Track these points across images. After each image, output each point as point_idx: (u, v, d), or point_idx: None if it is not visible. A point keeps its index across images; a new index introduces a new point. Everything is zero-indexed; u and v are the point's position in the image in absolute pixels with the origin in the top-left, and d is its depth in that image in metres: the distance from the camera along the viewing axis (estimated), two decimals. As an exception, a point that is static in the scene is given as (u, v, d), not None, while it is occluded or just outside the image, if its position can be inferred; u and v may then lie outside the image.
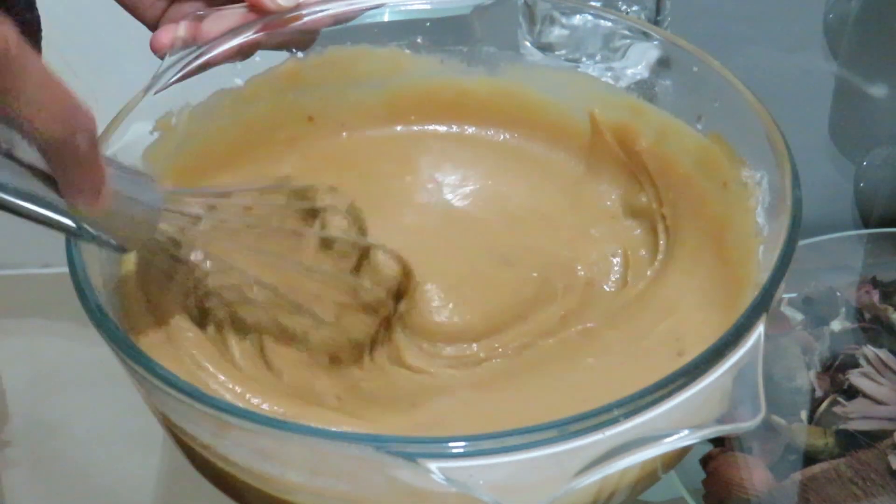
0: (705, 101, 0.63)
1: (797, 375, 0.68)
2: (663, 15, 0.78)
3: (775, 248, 0.53)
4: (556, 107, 0.69)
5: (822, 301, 0.73)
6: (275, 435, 0.46)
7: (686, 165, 0.64)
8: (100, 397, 0.72)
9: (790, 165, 0.56)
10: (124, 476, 0.70)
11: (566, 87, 0.69)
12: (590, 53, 0.68)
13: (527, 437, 0.44)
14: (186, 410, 0.48)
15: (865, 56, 0.89)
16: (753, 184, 0.59)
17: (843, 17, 0.90)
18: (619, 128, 0.66)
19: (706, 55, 0.63)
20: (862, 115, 0.89)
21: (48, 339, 0.79)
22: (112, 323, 0.50)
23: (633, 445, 0.45)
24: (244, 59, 0.65)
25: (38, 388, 0.76)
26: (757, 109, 0.59)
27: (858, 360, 0.68)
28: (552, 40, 0.71)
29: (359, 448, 0.45)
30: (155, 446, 0.70)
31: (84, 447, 0.71)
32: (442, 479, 0.44)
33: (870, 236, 0.77)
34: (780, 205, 0.55)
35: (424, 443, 0.46)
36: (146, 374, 0.48)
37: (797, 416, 0.67)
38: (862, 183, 0.83)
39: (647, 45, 0.65)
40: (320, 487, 0.48)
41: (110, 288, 0.55)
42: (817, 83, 0.91)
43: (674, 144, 0.65)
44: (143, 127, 0.62)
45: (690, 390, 0.46)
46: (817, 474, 0.64)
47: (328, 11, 0.67)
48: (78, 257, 0.53)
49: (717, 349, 0.48)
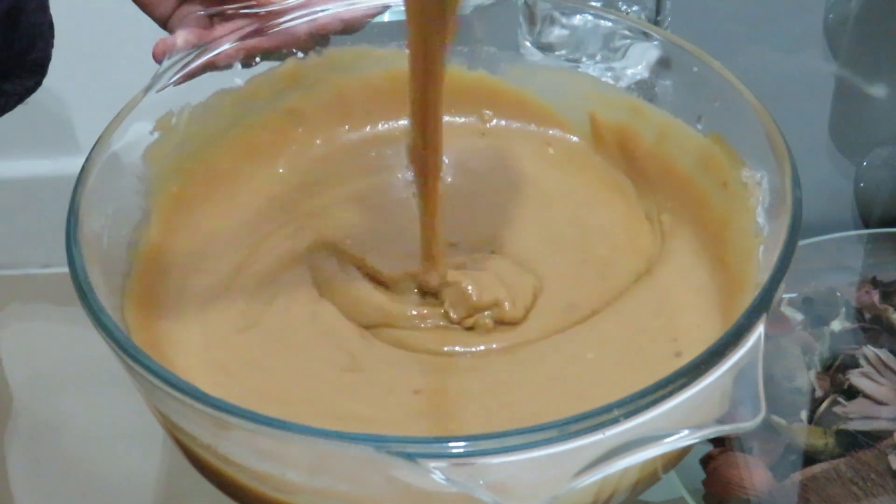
0: (705, 101, 0.63)
1: (797, 375, 0.68)
2: (663, 15, 0.78)
3: (775, 248, 0.53)
4: (557, 107, 0.69)
5: (822, 301, 0.73)
6: (275, 435, 0.46)
7: (686, 165, 0.64)
8: (100, 397, 0.72)
9: (790, 165, 0.56)
10: (124, 476, 0.70)
11: (566, 87, 0.69)
12: (590, 53, 0.68)
13: (527, 437, 0.44)
14: (186, 410, 0.48)
15: (865, 56, 0.88)
16: (753, 184, 0.59)
17: (843, 17, 0.90)
18: (620, 128, 0.66)
19: (706, 55, 0.63)
20: (862, 115, 0.89)
21: (48, 339, 0.79)
22: (112, 323, 0.50)
23: (634, 445, 0.45)
24: (246, 65, 0.66)
25: (38, 387, 0.76)
26: (757, 109, 0.59)
27: (858, 360, 0.68)
28: (552, 40, 0.71)
29: (359, 448, 0.45)
30: (155, 446, 0.70)
31: (84, 447, 0.71)
32: (442, 479, 0.44)
33: (870, 236, 0.77)
34: (780, 205, 0.55)
35: (424, 443, 0.46)
36: (146, 374, 0.48)
37: (797, 416, 0.67)
38: (862, 183, 0.83)
39: (647, 45, 0.65)
40: (320, 487, 0.48)
41: (111, 288, 0.55)
42: (817, 83, 0.91)
43: (674, 144, 0.65)
44: (144, 127, 0.62)
45: (691, 390, 0.46)
46: (817, 474, 0.64)
47: (328, 12, 0.67)
48: (78, 257, 0.53)
49: (718, 349, 0.48)
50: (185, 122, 0.64)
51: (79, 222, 0.54)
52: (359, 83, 0.70)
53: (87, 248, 0.54)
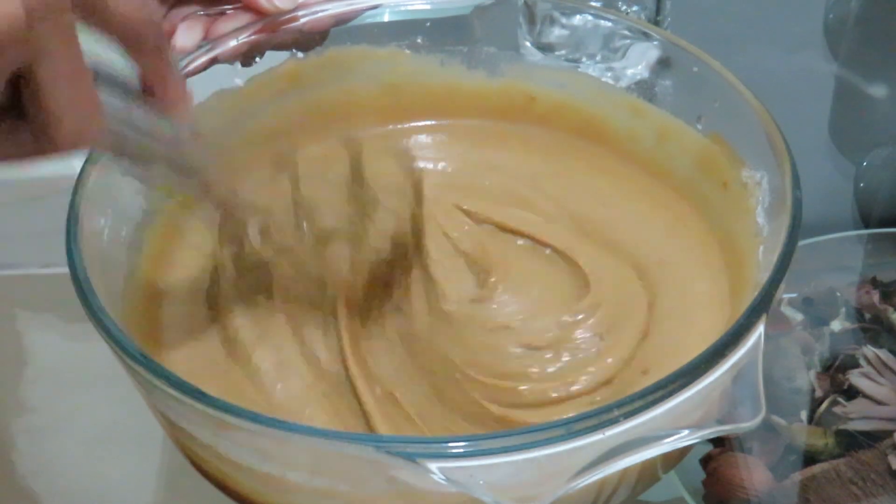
0: (705, 101, 0.63)
1: (797, 375, 0.68)
2: (663, 15, 0.78)
3: (775, 248, 0.53)
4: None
5: (822, 301, 0.73)
6: (275, 435, 0.46)
7: (686, 165, 0.64)
8: (100, 397, 0.72)
9: (790, 165, 0.56)
10: (124, 476, 0.70)
11: (566, 88, 0.69)
12: (590, 53, 0.68)
13: (527, 437, 0.44)
14: (186, 410, 0.48)
15: (865, 56, 0.89)
16: (753, 184, 0.59)
17: (843, 17, 0.90)
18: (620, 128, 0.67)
19: (706, 55, 0.63)
20: (862, 115, 0.89)
21: (48, 339, 0.79)
22: (112, 323, 0.50)
23: (634, 445, 0.45)
24: (246, 65, 0.66)
25: (38, 387, 0.76)
26: (757, 109, 0.59)
27: (858, 360, 0.68)
28: (552, 40, 0.71)
29: (359, 448, 0.45)
30: (155, 446, 0.70)
31: (84, 447, 0.71)
32: (442, 480, 0.44)
33: (870, 236, 0.77)
34: (780, 205, 0.55)
35: (425, 443, 0.46)
36: (146, 374, 0.48)
37: (797, 416, 0.67)
38: (862, 183, 0.83)
39: (647, 45, 0.66)
40: (320, 488, 0.48)
41: (111, 288, 0.55)
42: (817, 83, 0.91)
43: (674, 144, 0.65)
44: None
45: (691, 390, 0.46)
46: (817, 474, 0.64)
47: (328, 12, 0.67)
48: (78, 257, 0.53)
49: (718, 349, 0.48)
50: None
51: (79, 222, 0.54)
52: (359, 83, 0.70)
53: (87, 248, 0.53)
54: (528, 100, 0.69)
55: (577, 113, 0.68)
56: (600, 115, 0.68)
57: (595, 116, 0.68)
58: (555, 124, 0.69)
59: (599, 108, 0.68)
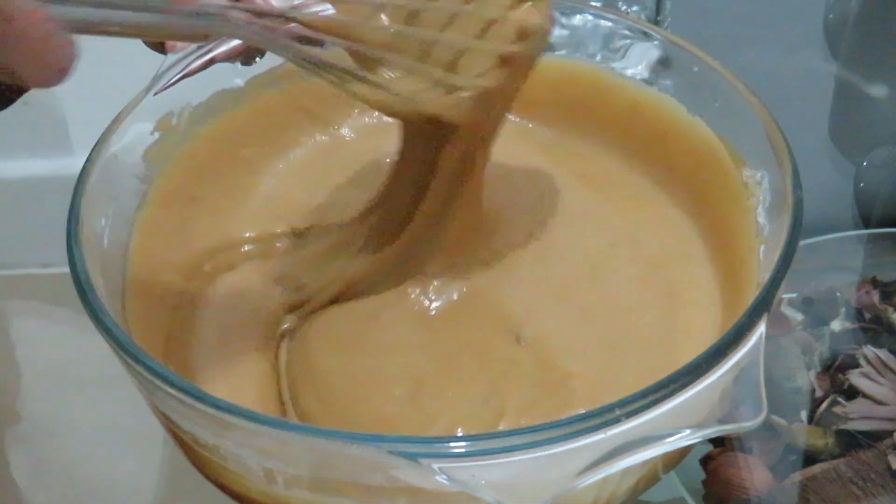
0: (705, 101, 0.63)
1: (797, 375, 0.68)
2: (663, 15, 0.78)
3: (776, 248, 0.53)
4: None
5: (822, 301, 0.73)
6: (276, 435, 0.46)
7: (686, 165, 0.64)
8: (100, 397, 0.72)
9: (791, 165, 0.56)
10: (124, 476, 0.70)
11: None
12: (590, 53, 0.68)
13: (528, 436, 0.44)
14: (186, 410, 0.48)
15: (865, 56, 0.88)
16: (754, 183, 0.59)
17: (843, 17, 0.90)
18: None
19: (706, 55, 0.63)
20: (862, 115, 0.89)
21: (48, 339, 0.79)
22: (112, 323, 0.50)
23: (635, 445, 0.45)
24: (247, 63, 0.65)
25: (38, 387, 0.76)
26: (757, 109, 0.59)
27: (858, 360, 0.68)
28: (552, 40, 0.71)
29: (360, 448, 0.45)
30: (155, 446, 0.70)
31: (84, 447, 0.71)
32: (444, 479, 0.44)
33: (870, 236, 0.77)
34: (780, 205, 0.55)
35: (426, 443, 0.46)
36: (146, 374, 0.48)
37: (797, 416, 0.67)
38: (862, 183, 0.83)
39: (647, 45, 0.65)
40: (322, 487, 0.48)
41: (111, 288, 0.55)
42: (817, 83, 0.91)
43: (674, 144, 0.65)
44: (144, 127, 0.62)
45: (692, 390, 0.46)
46: (817, 474, 0.64)
47: (328, 12, 0.67)
48: (79, 257, 0.53)
49: (718, 349, 0.48)
50: (185, 122, 0.64)
51: (79, 222, 0.54)
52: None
53: (88, 248, 0.53)
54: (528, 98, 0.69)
55: (577, 111, 0.68)
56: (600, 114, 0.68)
57: (595, 115, 0.68)
58: (554, 122, 0.69)
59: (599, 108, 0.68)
